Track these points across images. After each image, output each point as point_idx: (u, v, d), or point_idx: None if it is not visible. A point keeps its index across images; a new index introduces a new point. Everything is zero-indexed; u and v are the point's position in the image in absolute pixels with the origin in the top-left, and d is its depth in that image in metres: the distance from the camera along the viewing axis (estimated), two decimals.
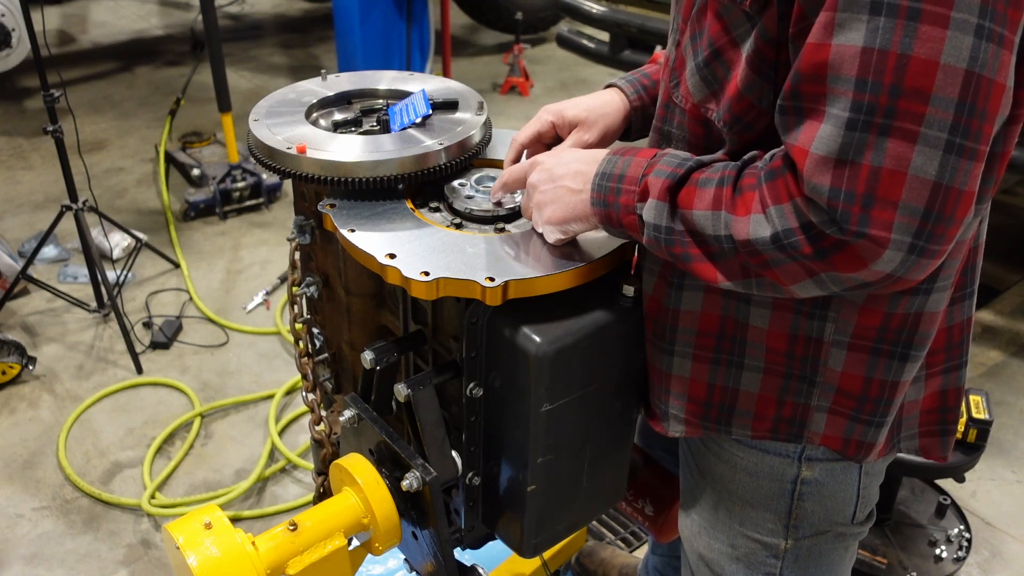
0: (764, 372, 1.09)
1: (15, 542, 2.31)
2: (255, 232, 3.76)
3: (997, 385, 2.89)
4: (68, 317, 3.17)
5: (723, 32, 0.96)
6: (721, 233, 0.91)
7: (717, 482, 1.21)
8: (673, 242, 0.96)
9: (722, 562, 1.25)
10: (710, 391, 1.12)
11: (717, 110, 0.99)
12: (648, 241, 0.99)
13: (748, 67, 0.93)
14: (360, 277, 1.32)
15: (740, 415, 1.12)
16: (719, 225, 0.91)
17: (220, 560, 1.08)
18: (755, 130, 0.97)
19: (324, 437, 1.45)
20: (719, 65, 0.97)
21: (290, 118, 1.31)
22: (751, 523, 1.19)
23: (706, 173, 0.95)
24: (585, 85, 5.36)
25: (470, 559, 1.34)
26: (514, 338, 1.07)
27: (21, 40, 4.29)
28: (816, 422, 1.09)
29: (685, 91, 1.04)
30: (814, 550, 1.20)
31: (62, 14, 6.37)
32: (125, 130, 4.62)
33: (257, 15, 6.62)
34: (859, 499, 1.18)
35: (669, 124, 1.09)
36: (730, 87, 0.96)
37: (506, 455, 1.19)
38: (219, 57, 3.51)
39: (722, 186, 0.92)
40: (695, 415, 1.15)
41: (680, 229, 0.95)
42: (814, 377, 1.07)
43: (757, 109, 0.95)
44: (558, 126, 1.25)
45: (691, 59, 1.01)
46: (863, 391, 1.06)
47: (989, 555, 2.33)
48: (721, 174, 0.93)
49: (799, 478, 1.14)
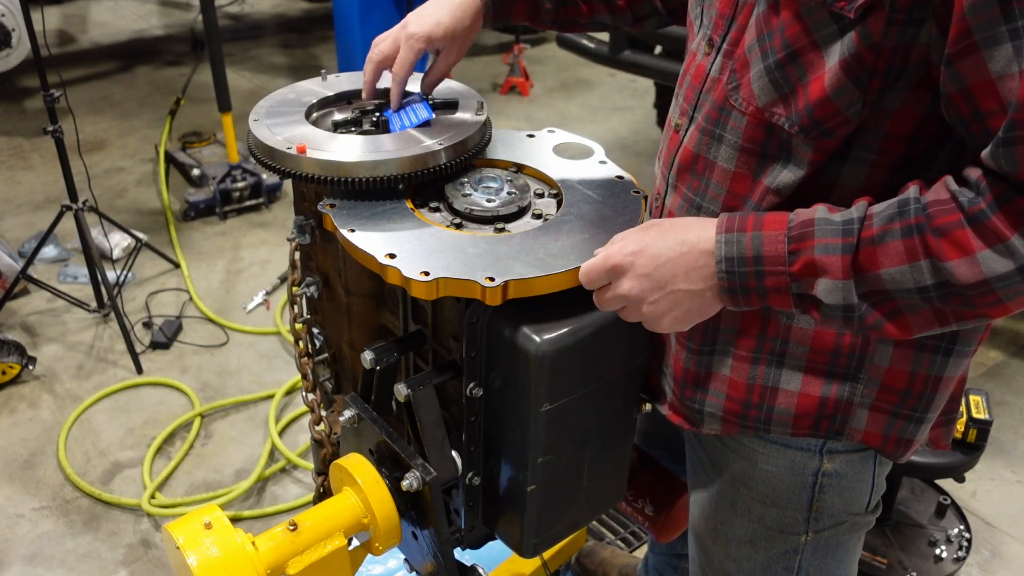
0: (805, 371, 1.08)
1: (15, 542, 2.31)
2: (255, 232, 3.76)
3: (997, 385, 2.89)
4: (68, 317, 3.17)
5: (803, 34, 0.91)
6: (928, 283, 0.86)
7: (735, 478, 1.20)
8: (866, 315, 0.90)
9: (740, 558, 1.24)
10: (749, 390, 1.11)
11: (788, 115, 0.95)
12: (827, 320, 0.93)
13: (842, 72, 0.89)
14: (360, 277, 1.32)
15: (781, 414, 1.11)
16: (922, 276, 0.86)
17: (220, 560, 1.08)
18: (835, 137, 0.94)
19: (324, 437, 1.45)
20: (795, 68, 0.93)
21: (290, 118, 1.31)
22: (771, 518, 1.19)
23: (875, 228, 0.88)
24: (585, 85, 5.36)
25: (470, 559, 1.34)
26: (514, 338, 1.07)
27: (21, 40, 4.28)
28: (858, 419, 1.09)
29: (748, 94, 0.99)
30: (832, 541, 1.20)
31: (62, 14, 6.37)
32: (125, 130, 4.61)
33: (257, 15, 6.62)
34: (874, 488, 1.19)
35: (721, 127, 1.03)
36: (810, 91, 0.92)
37: (506, 455, 1.19)
38: (219, 57, 3.50)
39: (911, 235, 0.86)
40: (734, 414, 1.14)
41: (870, 300, 0.89)
42: (858, 374, 1.06)
43: (842, 116, 0.92)
44: (425, 51, 1.26)
45: (759, 60, 0.96)
46: (907, 386, 1.06)
47: (989, 555, 2.33)
48: (901, 224, 0.87)
49: (820, 471, 1.14)
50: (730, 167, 1.03)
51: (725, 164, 1.04)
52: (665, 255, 0.97)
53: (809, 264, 0.91)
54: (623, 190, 1.26)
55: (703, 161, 1.07)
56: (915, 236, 0.86)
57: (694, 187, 1.09)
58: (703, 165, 1.07)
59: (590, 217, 1.19)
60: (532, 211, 1.24)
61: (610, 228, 1.16)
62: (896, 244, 0.87)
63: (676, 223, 1.01)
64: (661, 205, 1.16)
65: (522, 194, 1.24)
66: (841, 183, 0.97)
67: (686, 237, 0.97)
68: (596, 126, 4.83)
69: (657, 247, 0.98)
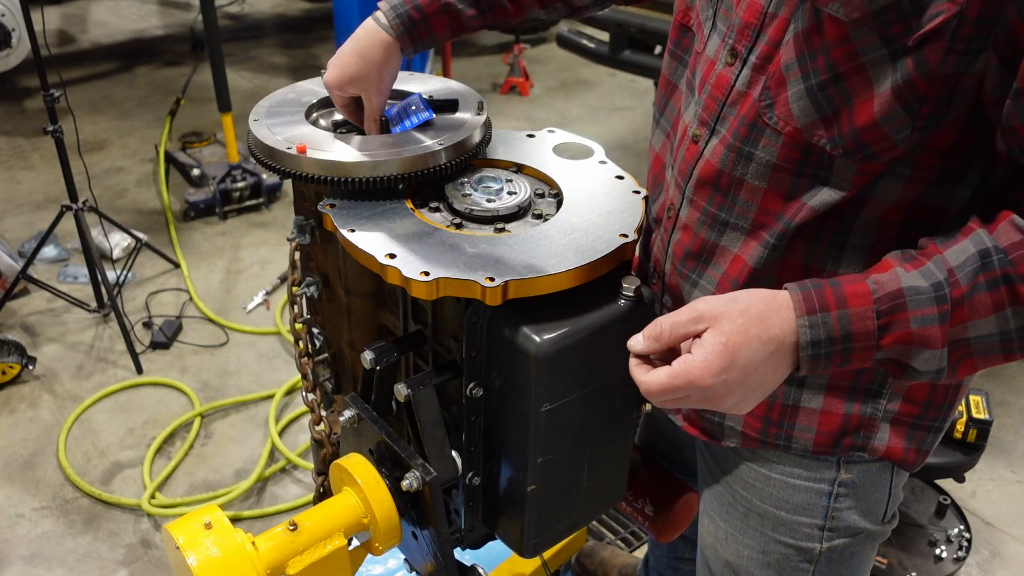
0: (828, 390, 1.07)
1: (15, 542, 2.31)
2: (255, 232, 3.76)
3: (997, 385, 2.89)
4: (68, 317, 3.17)
5: (849, 57, 0.88)
6: (1011, 327, 0.86)
7: (749, 488, 1.19)
8: (950, 374, 0.90)
9: (752, 568, 1.23)
10: (769, 408, 1.10)
11: (830, 137, 0.92)
12: (908, 380, 0.92)
13: (894, 98, 0.87)
14: (360, 277, 1.32)
15: (802, 431, 1.10)
16: (1007, 323, 0.85)
17: (220, 560, 1.08)
18: (880, 161, 0.92)
19: (324, 437, 1.45)
20: (838, 90, 0.90)
21: (290, 118, 1.31)
22: (785, 528, 1.18)
23: (963, 287, 0.86)
24: (585, 85, 5.36)
25: (470, 559, 1.34)
26: (514, 338, 1.07)
27: (21, 40, 4.29)
28: (881, 434, 1.08)
29: (785, 113, 0.95)
30: (846, 552, 1.19)
31: (62, 14, 6.37)
32: (125, 130, 4.62)
33: (257, 15, 6.62)
34: (890, 498, 1.17)
35: (752, 145, 0.99)
36: (856, 115, 0.90)
37: (506, 455, 1.19)
38: (219, 57, 3.50)
39: (998, 287, 0.85)
40: (754, 430, 1.13)
41: (952, 356, 0.88)
42: (881, 389, 1.06)
43: (890, 141, 0.89)
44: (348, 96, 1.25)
45: (799, 80, 0.92)
46: (929, 397, 1.06)
47: (989, 555, 2.33)
48: (986, 276, 0.85)
49: (837, 480, 1.13)
50: (761, 184, 1.00)
51: (756, 181, 1.00)
52: (755, 362, 0.88)
53: (904, 336, 0.87)
54: (623, 190, 1.26)
55: (728, 177, 1.03)
56: (1002, 287, 0.85)
57: (717, 202, 1.05)
58: (728, 181, 1.03)
59: (590, 217, 1.19)
60: (532, 211, 1.24)
61: (610, 228, 1.16)
62: (983, 298, 0.85)
63: (748, 312, 0.89)
64: (675, 216, 1.13)
65: (522, 194, 1.24)
66: (874, 197, 0.95)
67: (771, 335, 0.88)
68: (596, 126, 4.83)
69: (745, 357, 0.87)
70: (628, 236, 1.14)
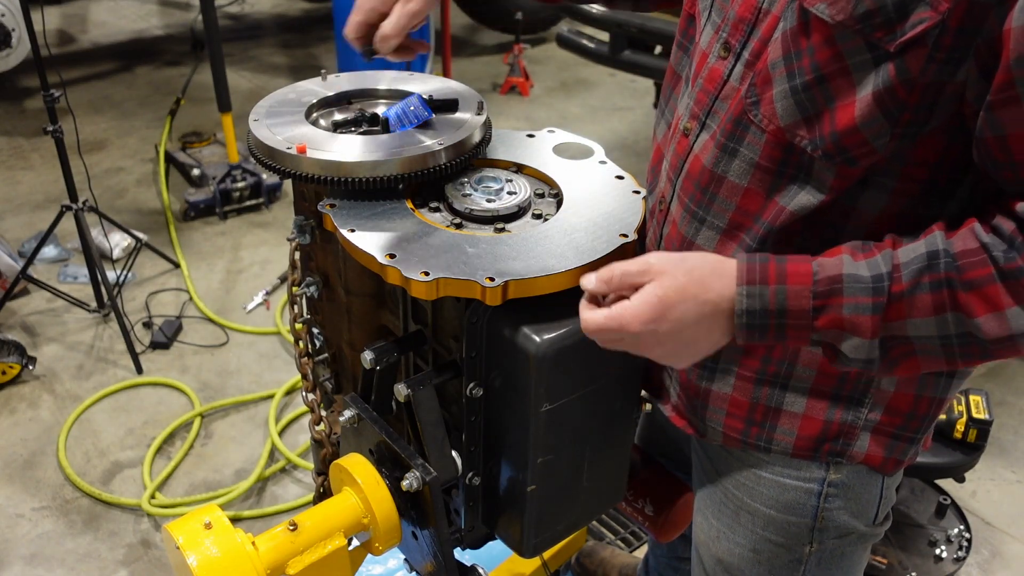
0: (810, 394, 1.07)
1: (15, 542, 2.31)
2: (255, 232, 3.76)
3: (997, 385, 2.89)
4: (68, 317, 3.17)
5: (834, 59, 0.88)
6: (951, 333, 0.87)
7: (740, 487, 1.19)
8: (879, 360, 0.91)
9: (743, 566, 1.23)
10: (752, 409, 1.11)
11: (811, 138, 0.92)
12: (840, 366, 0.94)
13: (874, 103, 0.87)
14: (360, 277, 1.32)
15: (783, 434, 1.11)
16: (947, 327, 0.86)
17: (220, 560, 1.08)
18: (859, 166, 0.92)
19: (324, 437, 1.45)
20: (821, 92, 0.90)
21: (290, 118, 1.31)
22: (775, 527, 1.18)
23: (904, 283, 0.87)
24: (585, 85, 5.36)
25: (470, 559, 1.34)
26: (514, 338, 1.07)
27: (21, 40, 4.28)
28: (860, 442, 1.09)
29: (769, 111, 0.95)
30: (836, 552, 1.19)
31: (62, 14, 6.36)
32: (125, 130, 4.61)
33: (257, 15, 6.62)
34: (882, 500, 1.18)
35: (737, 142, 0.99)
36: (837, 118, 0.90)
37: (506, 455, 1.19)
38: (219, 57, 3.50)
39: (940, 289, 0.85)
40: (735, 431, 1.14)
41: (888, 344, 0.90)
42: (863, 398, 1.06)
43: (869, 146, 0.89)
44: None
45: (784, 79, 0.92)
46: (912, 409, 1.06)
47: (989, 555, 2.33)
48: (930, 277, 0.86)
49: (826, 481, 1.13)
50: (742, 183, 1.00)
51: (737, 180, 1.00)
52: (687, 320, 0.92)
53: (836, 321, 0.90)
54: (623, 190, 1.26)
55: (710, 174, 1.02)
56: (944, 290, 0.85)
57: (696, 199, 1.05)
58: (709, 178, 1.03)
59: (590, 217, 1.19)
60: (532, 211, 1.24)
61: (610, 228, 1.16)
62: (924, 297, 0.86)
63: (691, 273, 0.93)
64: (666, 209, 1.13)
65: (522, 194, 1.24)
66: (860, 208, 0.95)
67: (707, 297, 0.92)
68: (596, 126, 4.83)
69: (679, 312, 0.91)
70: (628, 236, 1.14)
